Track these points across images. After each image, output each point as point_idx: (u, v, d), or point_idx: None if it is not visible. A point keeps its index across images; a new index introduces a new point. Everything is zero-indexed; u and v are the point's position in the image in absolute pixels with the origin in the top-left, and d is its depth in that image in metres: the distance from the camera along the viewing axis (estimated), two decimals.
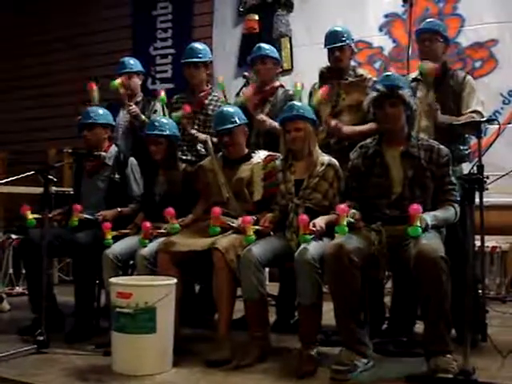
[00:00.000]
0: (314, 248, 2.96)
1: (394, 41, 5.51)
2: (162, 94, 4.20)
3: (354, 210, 3.04)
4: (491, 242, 4.85)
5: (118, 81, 4.30)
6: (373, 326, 3.36)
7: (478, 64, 5.33)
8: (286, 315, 3.84)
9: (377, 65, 5.56)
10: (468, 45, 5.35)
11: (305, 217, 3.00)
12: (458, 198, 3.02)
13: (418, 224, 2.72)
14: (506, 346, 3.23)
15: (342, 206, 2.93)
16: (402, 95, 3.06)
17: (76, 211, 3.65)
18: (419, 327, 3.22)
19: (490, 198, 4.88)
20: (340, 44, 3.76)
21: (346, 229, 2.87)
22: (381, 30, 5.62)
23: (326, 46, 3.82)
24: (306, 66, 4.17)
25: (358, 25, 5.43)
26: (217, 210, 3.23)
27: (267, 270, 4.16)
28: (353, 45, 3.88)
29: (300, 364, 2.92)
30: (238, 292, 3.22)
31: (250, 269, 3.03)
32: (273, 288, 4.02)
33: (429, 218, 2.84)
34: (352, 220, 2.95)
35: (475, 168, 2.67)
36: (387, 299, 3.68)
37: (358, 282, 2.82)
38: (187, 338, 3.50)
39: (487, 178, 2.66)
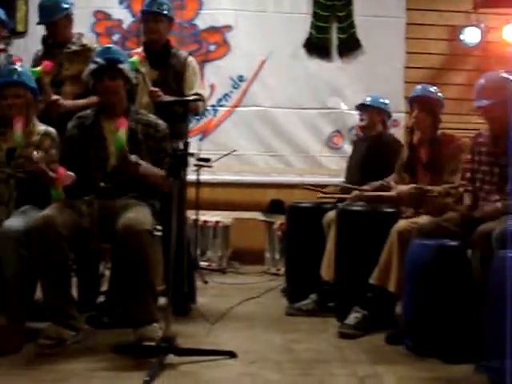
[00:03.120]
0: (20, 221, 2.86)
1: (134, 16, 5.47)
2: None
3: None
4: (216, 216, 5.13)
5: None
6: (88, 298, 3.37)
7: (212, 48, 5.55)
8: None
9: (115, 37, 5.49)
10: (204, 28, 5.54)
11: None
12: None
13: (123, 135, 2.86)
14: (216, 314, 3.48)
15: (62, 169, 2.86)
16: (121, 69, 3.07)
17: None
18: None
19: (216, 176, 5.21)
20: (56, 18, 3.58)
21: (63, 194, 2.81)
22: (121, 3, 5.54)
23: (39, 21, 3.65)
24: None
25: None
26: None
27: None
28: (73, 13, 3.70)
29: (4, 339, 2.81)
30: None
31: None
32: None
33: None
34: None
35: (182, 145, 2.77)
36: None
37: (65, 256, 2.80)
38: None
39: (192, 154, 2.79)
